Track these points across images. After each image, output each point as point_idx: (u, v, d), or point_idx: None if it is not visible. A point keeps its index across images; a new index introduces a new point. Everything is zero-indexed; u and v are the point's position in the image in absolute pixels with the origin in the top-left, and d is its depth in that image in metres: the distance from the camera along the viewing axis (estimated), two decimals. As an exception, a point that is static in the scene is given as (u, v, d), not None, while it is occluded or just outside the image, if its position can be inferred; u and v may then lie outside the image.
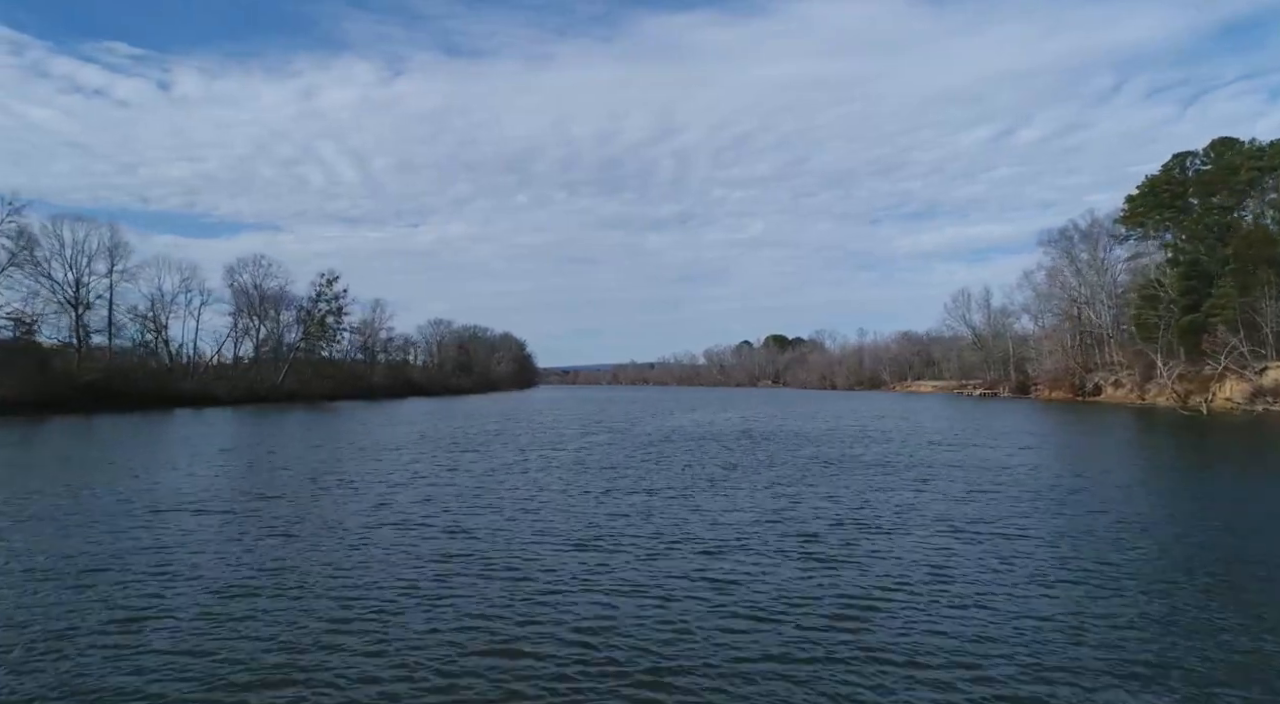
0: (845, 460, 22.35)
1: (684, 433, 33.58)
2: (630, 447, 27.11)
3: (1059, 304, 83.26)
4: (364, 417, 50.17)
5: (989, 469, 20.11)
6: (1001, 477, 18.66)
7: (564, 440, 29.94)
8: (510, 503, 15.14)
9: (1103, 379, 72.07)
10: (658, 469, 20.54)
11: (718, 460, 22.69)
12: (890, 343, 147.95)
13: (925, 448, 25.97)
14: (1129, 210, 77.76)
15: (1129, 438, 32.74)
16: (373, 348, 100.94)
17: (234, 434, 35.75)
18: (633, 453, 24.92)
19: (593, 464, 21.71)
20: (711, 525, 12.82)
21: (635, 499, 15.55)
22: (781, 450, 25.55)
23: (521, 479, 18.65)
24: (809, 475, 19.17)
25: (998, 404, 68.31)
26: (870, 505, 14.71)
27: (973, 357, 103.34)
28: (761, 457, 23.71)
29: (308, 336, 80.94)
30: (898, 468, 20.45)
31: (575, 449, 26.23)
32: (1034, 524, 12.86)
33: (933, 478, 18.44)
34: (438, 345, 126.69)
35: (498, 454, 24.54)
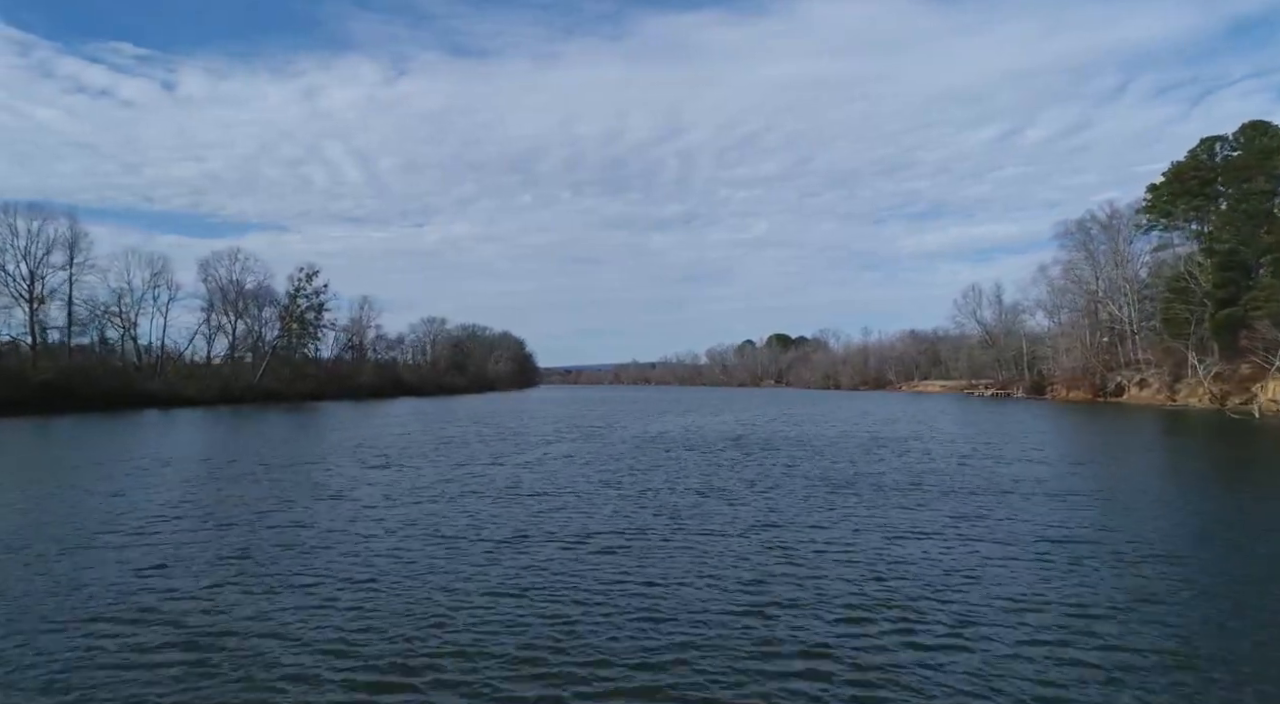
0: (859, 483, 17.03)
1: (664, 441, 28.32)
2: (590, 461, 21.86)
3: (1076, 299, 77.65)
4: (332, 420, 45.09)
5: (1057, 505, 14.77)
6: (1080, 518, 13.34)
7: (518, 450, 24.70)
8: (351, 561, 9.93)
9: (1126, 378, 66.41)
10: (608, 498, 15.27)
11: (693, 482, 17.42)
12: (896, 342, 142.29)
13: (957, 465, 20.61)
14: (1152, 200, 72.13)
15: (1207, 451, 27.31)
16: (360, 347, 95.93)
17: (186, 438, 31.08)
18: (589, 471, 19.66)
19: (526, 489, 16.43)
20: (644, 622, 7.56)
21: (549, 558, 10.29)
22: (777, 466, 20.26)
23: (405, 516, 13.41)
24: (812, 507, 13.89)
25: (1014, 405, 62.76)
26: (910, 575, 9.37)
27: (983, 355, 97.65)
28: (750, 475, 18.43)
29: (286, 334, 75.88)
30: (932, 498, 15.11)
31: (521, 464, 20.98)
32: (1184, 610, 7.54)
33: (985, 517, 13.12)
34: (431, 344, 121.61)
35: (415, 473, 19.32)
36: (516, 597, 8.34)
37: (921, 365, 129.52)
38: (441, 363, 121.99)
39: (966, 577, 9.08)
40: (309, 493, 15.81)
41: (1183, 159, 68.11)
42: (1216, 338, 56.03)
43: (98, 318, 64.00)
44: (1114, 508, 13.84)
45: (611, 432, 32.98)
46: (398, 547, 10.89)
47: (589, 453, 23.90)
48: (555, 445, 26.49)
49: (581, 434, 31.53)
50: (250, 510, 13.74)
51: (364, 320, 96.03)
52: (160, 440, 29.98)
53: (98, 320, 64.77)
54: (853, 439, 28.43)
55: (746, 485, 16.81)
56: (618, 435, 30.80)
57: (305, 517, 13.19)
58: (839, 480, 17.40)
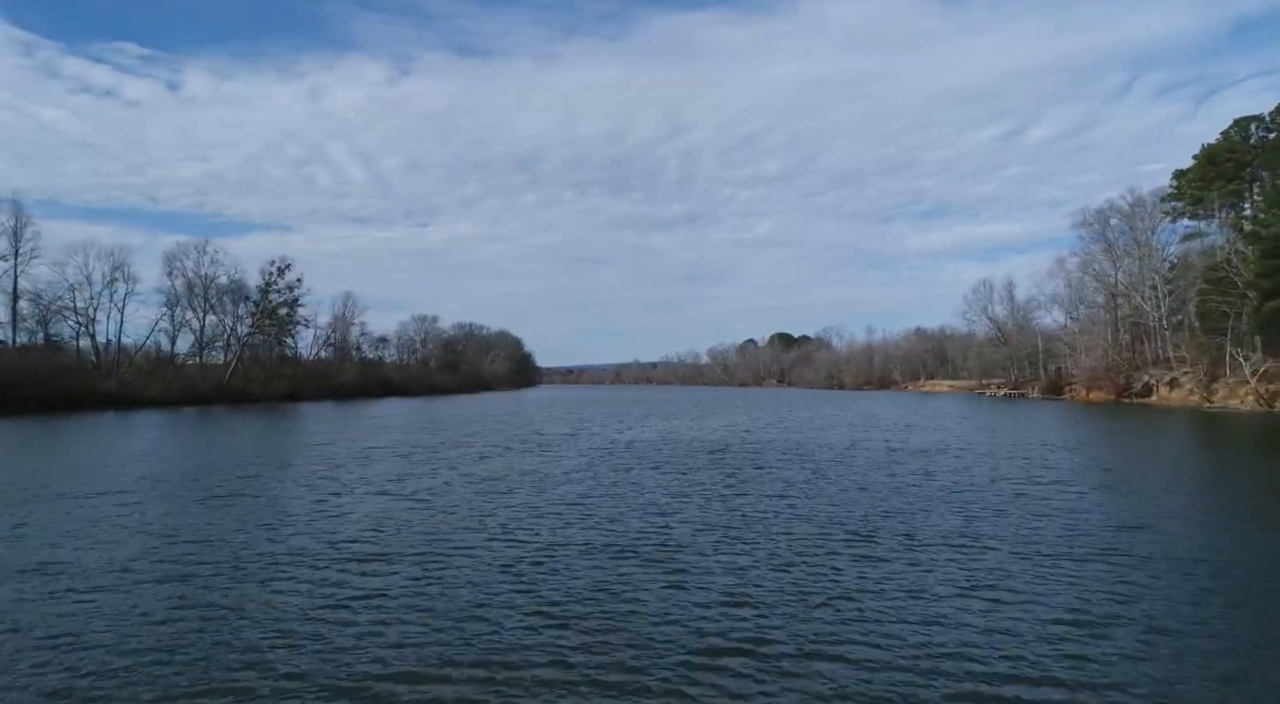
0: (882, 532, 11.30)
1: (631, 454, 22.66)
2: (515, 488, 16.19)
3: (1096, 294, 71.63)
4: (287, 423, 39.62)
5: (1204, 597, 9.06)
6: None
7: (431, 472, 19.02)
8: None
9: (1154, 378, 60.39)
10: (490, 566, 9.63)
11: (637, 530, 11.73)
12: (901, 340, 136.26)
13: (1013, 497, 14.89)
14: (1180, 185, 66.10)
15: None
16: (343, 345, 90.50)
17: (117, 444, 25.51)
18: (499, 505, 13.98)
19: (381, 538, 10.81)
20: None
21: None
22: (766, 497, 14.55)
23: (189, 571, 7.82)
24: (813, 584, 8.19)
25: (1032, 407, 56.84)
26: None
27: (994, 354, 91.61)
28: (726, 512, 12.73)
29: (257, 330, 70.44)
30: (1002, 562, 9.40)
31: (418, 492, 15.34)
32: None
33: (1113, 606, 7.43)
34: (422, 343, 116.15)
35: (281, 500, 13.71)
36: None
37: (928, 365, 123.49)
38: (433, 362, 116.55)
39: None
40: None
41: (1216, 140, 62.17)
42: (1260, 332, 50.02)
43: (45, 313, 58.60)
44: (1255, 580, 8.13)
45: (575, 441, 27.31)
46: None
47: (524, 473, 18.25)
48: (489, 462, 20.85)
49: (538, 444, 25.89)
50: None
51: (347, 317, 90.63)
52: (83, 448, 24.52)
53: (48, 315, 59.41)
54: (864, 452, 22.70)
55: (715, 535, 11.13)
56: (579, 446, 25.14)
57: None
58: (854, 524, 11.70)
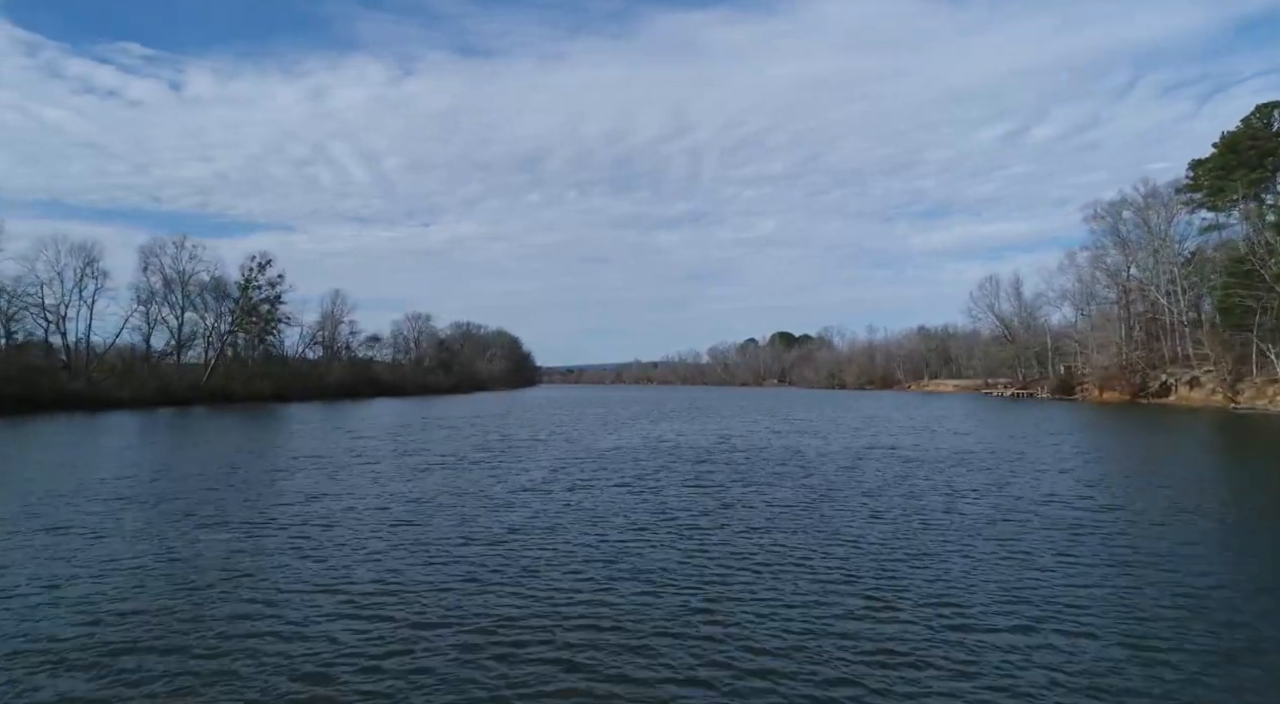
0: (912, 590, 8.10)
1: (605, 467, 19.45)
2: (441, 507, 12.99)
3: (1110, 290, 68.21)
4: (258, 427, 36.52)
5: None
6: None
7: (349, 490, 15.87)
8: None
9: (1172, 376, 57.02)
10: (375, 634, 6.44)
11: (562, 591, 8.51)
12: (904, 339, 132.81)
13: (1068, 537, 11.64)
14: (1197, 176, 62.69)
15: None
16: (331, 344, 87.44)
17: (65, 451, 22.29)
18: (415, 538, 10.77)
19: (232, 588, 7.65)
20: None
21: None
22: (754, 527, 11.32)
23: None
24: (819, 674, 5.02)
25: (1043, 407, 53.49)
26: None
27: (1001, 352, 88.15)
28: (700, 550, 9.53)
29: (237, 328, 67.37)
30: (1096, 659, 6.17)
31: (320, 515, 12.15)
32: None
33: None
34: (415, 342, 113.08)
35: (156, 526, 10.54)
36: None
37: (931, 364, 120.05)
38: (426, 362, 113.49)
39: None
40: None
41: (1236, 127, 58.75)
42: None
43: (11, 310, 55.59)
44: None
45: (543, 449, 24.10)
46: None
47: (460, 494, 15.05)
48: (426, 478, 17.64)
49: (499, 453, 22.69)
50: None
51: (336, 315, 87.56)
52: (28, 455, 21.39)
53: (15, 313, 56.41)
54: (873, 464, 19.44)
55: (671, 602, 7.91)
56: (545, 456, 21.92)
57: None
58: (870, 577, 8.44)
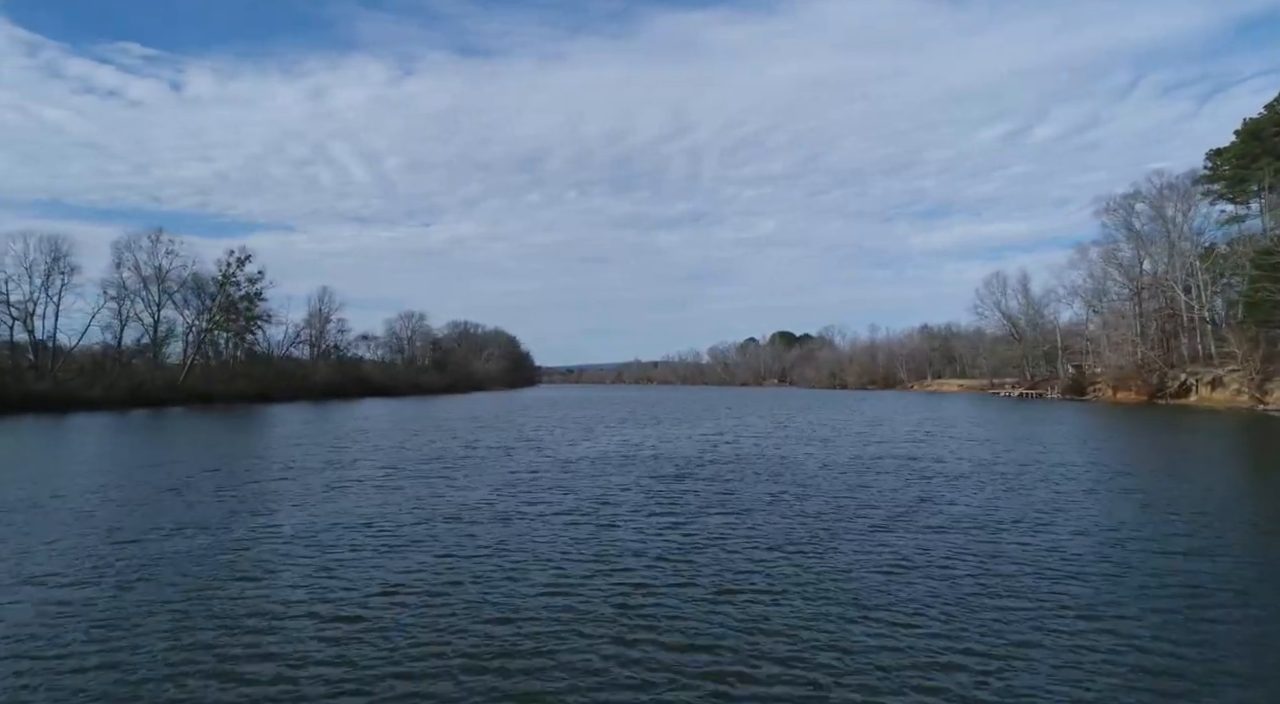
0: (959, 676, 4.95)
1: (565, 482, 16.33)
2: (348, 552, 9.90)
3: (1123, 286, 64.95)
4: (222, 429, 33.45)
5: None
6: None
7: (290, 503, 12.76)
8: None
9: (1193, 376, 53.81)
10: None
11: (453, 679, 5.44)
12: (907, 338, 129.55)
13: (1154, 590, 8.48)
14: (1215, 165, 59.51)
15: None
16: (318, 342, 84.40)
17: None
18: (285, 593, 7.71)
19: None
20: None
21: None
22: (727, 582, 8.26)
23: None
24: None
25: (1058, 409, 50.32)
26: None
27: (1007, 351, 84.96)
28: (669, 611, 6.50)
29: (214, 326, 64.29)
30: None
31: (213, 547, 9.06)
32: None
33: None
34: (409, 341, 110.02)
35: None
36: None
37: (935, 363, 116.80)
38: (420, 361, 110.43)
39: None
40: None
41: (1260, 113, 55.54)
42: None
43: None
44: None
45: (507, 459, 20.95)
46: None
47: (367, 523, 11.94)
48: (347, 497, 14.54)
49: (454, 463, 19.56)
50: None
51: (324, 312, 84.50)
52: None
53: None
54: (886, 480, 16.29)
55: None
56: (505, 468, 18.80)
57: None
58: (892, 656, 5.38)
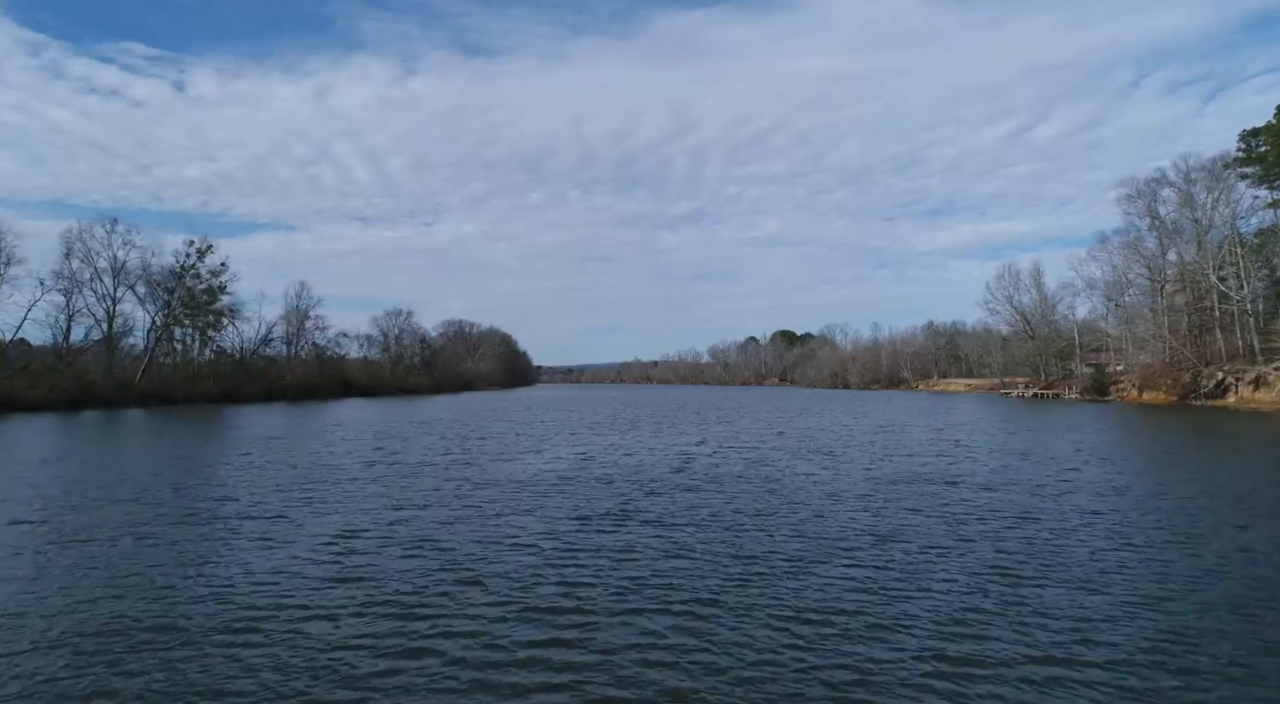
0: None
1: (490, 516, 11.24)
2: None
3: (1147, 278, 59.63)
4: (146, 435, 28.41)
5: None
6: None
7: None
8: None
9: (1232, 374, 48.58)
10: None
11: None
12: (911, 336, 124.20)
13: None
14: (1249, 147, 54.24)
15: None
16: (294, 341, 79.47)
17: None
18: None
19: None
20: None
21: None
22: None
23: None
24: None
25: (1084, 411, 45.08)
26: None
27: (1020, 349, 79.67)
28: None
29: (174, 321, 59.33)
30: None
31: None
32: None
33: None
34: (396, 339, 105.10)
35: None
36: None
37: (941, 362, 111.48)
38: (408, 360, 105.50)
39: None
40: None
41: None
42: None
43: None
44: None
45: (421, 478, 15.81)
46: None
47: (149, 582, 6.83)
48: (156, 544, 9.46)
49: (337, 485, 14.48)
50: None
51: (302, 309, 79.58)
52: None
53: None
54: (919, 520, 11.14)
55: None
56: (402, 493, 13.69)
57: None
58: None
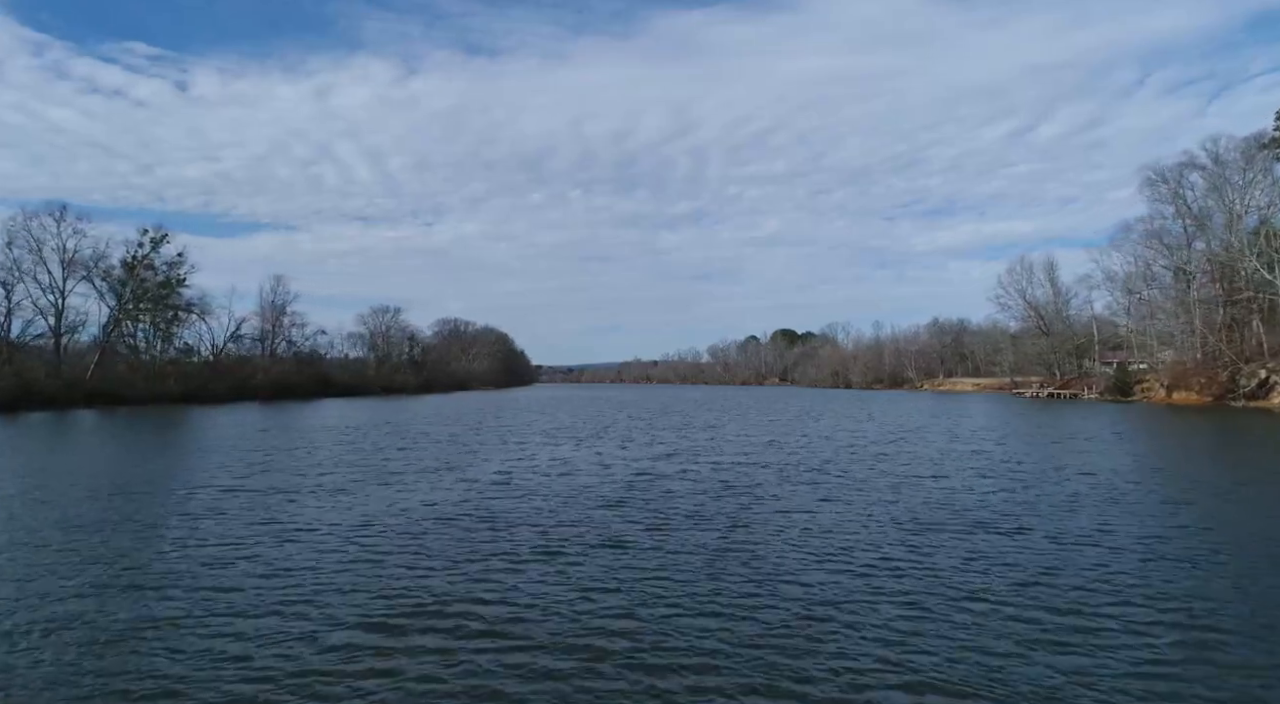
0: None
1: (270, 583, 6.40)
2: None
3: (1174, 270, 54.56)
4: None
5: None
6: None
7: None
8: None
9: (1277, 373, 43.53)
10: None
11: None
12: (915, 334, 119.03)
13: None
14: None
15: None
16: (268, 338, 74.76)
17: None
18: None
19: None
20: None
21: None
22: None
23: None
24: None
25: (1107, 412, 40.03)
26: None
27: (1032, 346, 74.60)
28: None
29: (126, 316, 54.59)
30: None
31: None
32: None
33: None
34: (383, 337, 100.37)
35: None
36: None
37: (947, 361, 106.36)
38: (396, 359, 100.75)
39: None
40: None
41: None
42: None
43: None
44: None
45: (290, 508, 11.01)
46: None
47: None
48: None
49: (173, 518, 9.63)
50: None
51: (278, 304, 74.86)
52: None
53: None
54: (985, 605, 6.22)
55: None
56: (236, 520, 8.84)
57: None
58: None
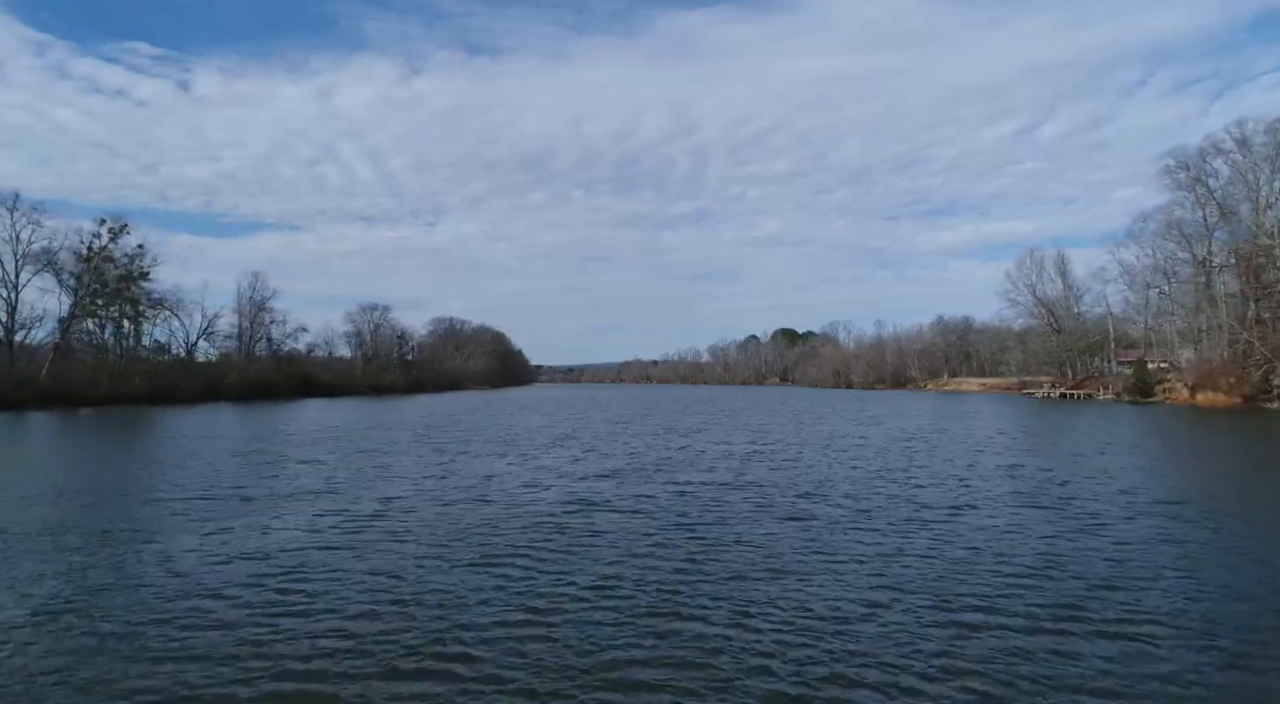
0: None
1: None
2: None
3: (1194, 263, 50.59)
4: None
5: None
6: None
7: None
8: None
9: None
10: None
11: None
12: (918, 333, 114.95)
13: None
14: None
15: None
16: (248, 337, 71.32)
17: None
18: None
19: None
20: None
21: None
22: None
23: None
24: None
25: (1134, 415, 36.12)
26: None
27: (1042, 345, 70.64)
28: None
29: (83, 311, 51.16)
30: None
31: None
32: None
33: None
34: (372, 336, 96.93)
35: None
36: None
37: (951, 360, 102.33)
38: (383, 358, 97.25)
39: None
40: None
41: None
42: None
43: None
44: None
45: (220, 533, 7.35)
46: None
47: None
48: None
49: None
50: None
51: (256, 301, 71.43)
52: None
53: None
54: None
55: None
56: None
57: None
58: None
